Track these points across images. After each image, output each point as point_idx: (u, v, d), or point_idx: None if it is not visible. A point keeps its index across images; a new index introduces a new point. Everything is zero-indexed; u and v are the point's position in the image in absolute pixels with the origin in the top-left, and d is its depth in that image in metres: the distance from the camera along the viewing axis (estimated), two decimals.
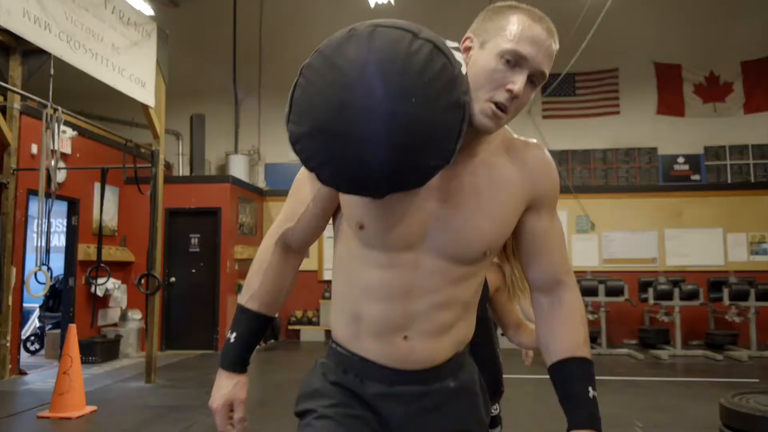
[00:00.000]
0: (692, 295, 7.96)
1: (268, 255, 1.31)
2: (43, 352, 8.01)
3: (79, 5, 4.78)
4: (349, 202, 1.16)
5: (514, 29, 1.06)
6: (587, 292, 8.11)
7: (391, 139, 0.90)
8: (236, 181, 8.95)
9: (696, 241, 9.20)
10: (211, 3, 10.46)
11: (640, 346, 8.55)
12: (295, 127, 0.95)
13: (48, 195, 4.54)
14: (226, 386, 1.28)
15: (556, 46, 1.09)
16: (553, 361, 1.21)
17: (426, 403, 1.21)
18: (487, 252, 1.18)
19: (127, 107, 8.24)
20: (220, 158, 10.29)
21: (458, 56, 0.99)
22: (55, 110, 4.59)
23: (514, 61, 1.05)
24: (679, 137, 9.71)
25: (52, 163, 4.53)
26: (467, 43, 1.12)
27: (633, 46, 9.73)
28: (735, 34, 9.53)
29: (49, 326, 8.29)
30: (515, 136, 1.23)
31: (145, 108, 5.91)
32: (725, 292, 7.94)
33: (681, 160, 9.73)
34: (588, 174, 9.81)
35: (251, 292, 1.31)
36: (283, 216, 1.30)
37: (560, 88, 9.65)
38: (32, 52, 6.32)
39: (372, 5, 6.75)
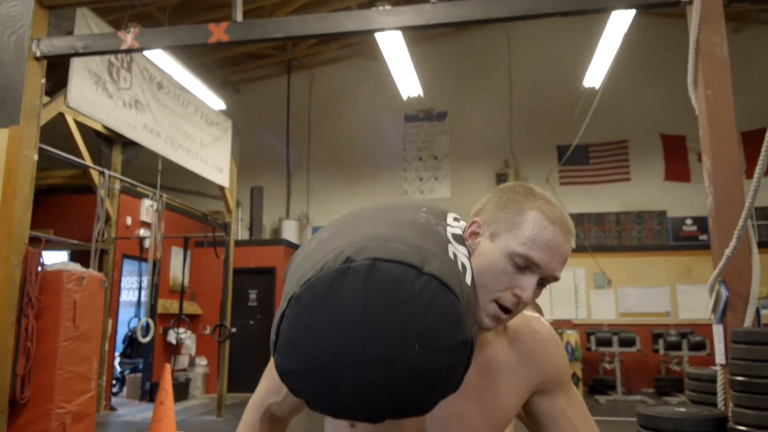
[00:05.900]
0: (699, 346, 8.72)
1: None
2: (123, 392, 9.23)
3: (179, 115, 6.23)
4: None
5: (528, 231, 1.00)
6: (603, 342, 8.97)
7: (392, 387, 0.84)
8: (288, 244, 10.27)
9: (706, 296, 9.79)
10: (268, 89, 12.12)
11: (656, 394, 9.24)
12: (283, 361, 0.88)
13: (154, 262, 5.84)
14: None
15: (572, 246, 1.04)
16: None
17: None
18: None
19: (194, 179, 9.67)
20: (274, 223, 11.68)
21: (461, 250, 0.98)
22: (161, 196, 5.95)
23: (524, 265, 1.00)
24: (686, 201, 10.56)
25: (157, 236, 5.85)
26: (474, 228, 1.06)
27: (641, 120, 10.80)
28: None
29: (127, 371, 9.55)
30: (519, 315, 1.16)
31: (221, 188, 7.29)
32: None
33: (689, 221, 10.58)
34: (603, 235, 10.77)
35: None
36: (266, 390, 1.20)
37: (575, 157, 10.77)
38: (130, 143, 7.80)
39: (404, 98, 8.05)
